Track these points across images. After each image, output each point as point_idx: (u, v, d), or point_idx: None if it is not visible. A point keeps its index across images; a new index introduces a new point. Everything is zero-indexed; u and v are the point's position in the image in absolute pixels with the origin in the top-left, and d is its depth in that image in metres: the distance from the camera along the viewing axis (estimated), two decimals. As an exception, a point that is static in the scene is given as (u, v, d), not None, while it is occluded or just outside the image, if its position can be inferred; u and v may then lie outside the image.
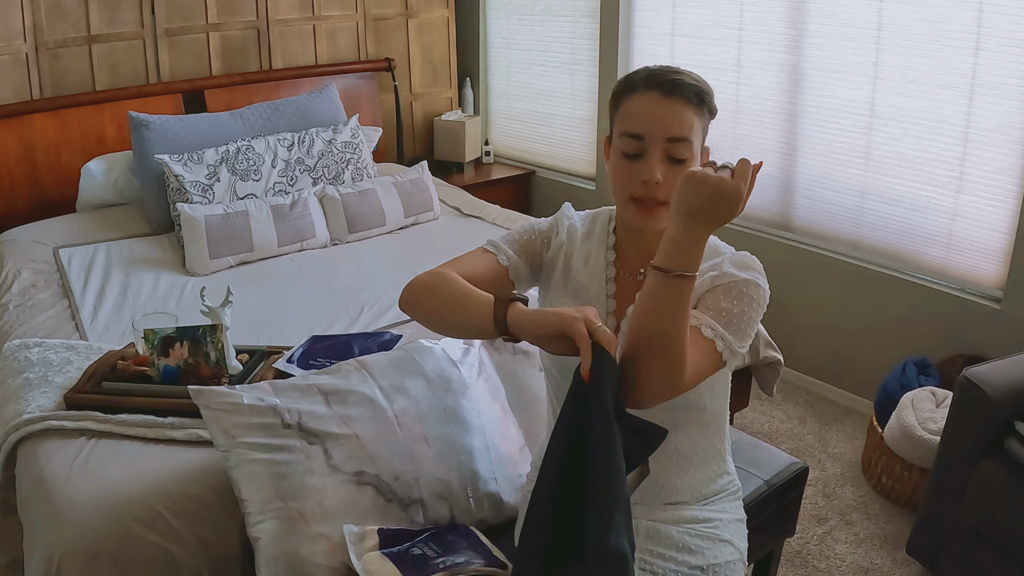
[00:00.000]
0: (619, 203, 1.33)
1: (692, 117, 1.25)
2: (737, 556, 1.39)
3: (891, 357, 2.84)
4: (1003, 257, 2.62)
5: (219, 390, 1.52)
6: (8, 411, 1.85)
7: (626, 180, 1.27)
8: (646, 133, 1.25)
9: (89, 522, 1.52)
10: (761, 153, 3.23)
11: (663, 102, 1.24)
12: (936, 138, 2.70)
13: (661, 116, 1.24)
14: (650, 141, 1.25)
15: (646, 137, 1.25)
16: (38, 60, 3.14)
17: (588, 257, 1.40)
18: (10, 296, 2.53)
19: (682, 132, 1.25)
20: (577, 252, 1.41)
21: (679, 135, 1.24)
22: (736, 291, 1.25)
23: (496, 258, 1.39)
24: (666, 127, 1.24)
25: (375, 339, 2.13)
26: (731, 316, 1.23)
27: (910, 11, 2.67)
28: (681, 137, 1.25)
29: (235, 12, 3.57)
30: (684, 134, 1.25)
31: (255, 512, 1.43)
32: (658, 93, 1.25)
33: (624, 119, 1.28)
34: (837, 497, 2.54)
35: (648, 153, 1.25)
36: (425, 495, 1.52)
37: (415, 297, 1.30)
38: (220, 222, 2.82)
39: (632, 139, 1.26)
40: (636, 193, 1.27)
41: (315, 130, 3.29)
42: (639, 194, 1.27)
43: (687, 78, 1.26)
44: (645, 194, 1.26)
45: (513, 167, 4.32)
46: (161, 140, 3.03)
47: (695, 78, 1.28)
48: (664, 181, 1.25)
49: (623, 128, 1.27)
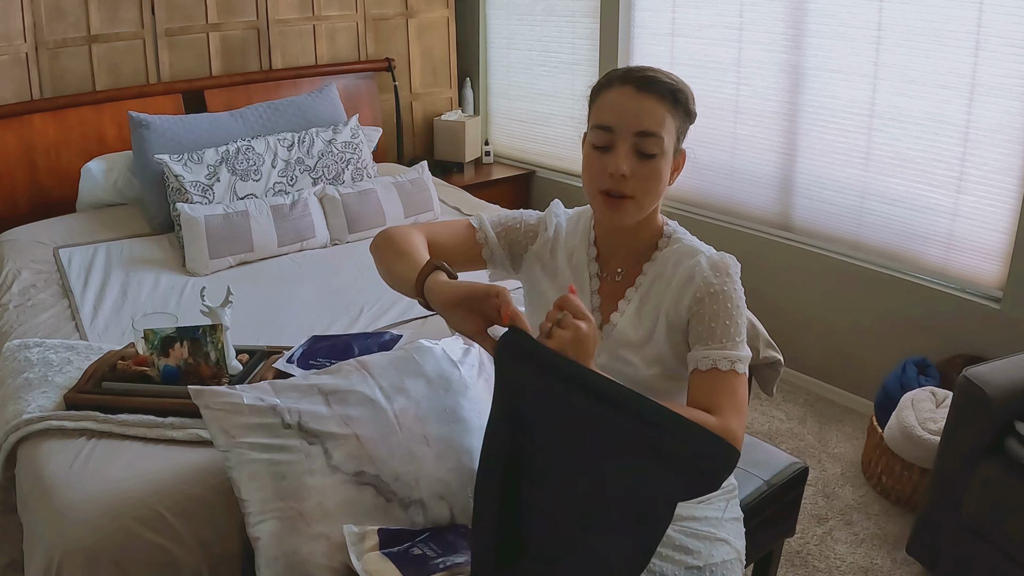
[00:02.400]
0: (589, 197, 1.34)
1: (664, 114, 1.26)
2: (734, 555, 1.39)
3: (891, 357, 2.84)
4: (1003, 257, 2.62)
5: (219, 390, 1.52)
6: (8, 411, 1.85)
7: (594, 173, 1.29)
8: (615, 125, 1.25)
9: (89, 522, 1.52)
10: (761, 153, 3.23)
11: (635, 96, 1.25)
12: (936, 138, 2.70)
13: (632, 109, 1.25)
14: (619, 134, 1.25)
15: (615, 129, 1.25)
16: (38, 60, 3.14)
17: (572, 254, 1.42)
18: (10, 296, 2.53)
19: (651, 127, 1.25)
20: (563, 249, 1.42)
21: (648, 129, 1.25)
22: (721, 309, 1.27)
23: (475, 234, 1.42)
24: (636, 120, 1.25)
25: (375, 339, 2.13)
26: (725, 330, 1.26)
27: (910, 11, 2.67)
28: (650, 132, 1.25)
29: (235, 12, 3.57)
30: (654, 129, 1.25)
31: (255, 512, 1.43)
32: (632, 87, 1.26)
33: (597, 112, 1.29)
34: (837, 497, 2.54)
35: (617, 146, 1.26)
36: (425, 495, 1.52)
37: (376, 242, 1.38)
38: (220, 222, 2.82)
39: (602, 131, 1.27)
40: (603, 186, 1.28)
41: (315, 130, 3.29)
42: (606, 187, 1.27)
43: (663, 76, 1.27)
44: (612, 187, 1.27)
45: (513, 167, 4.32)
46: (161, 140, 3.03)
47: (673, 78, 1.28)
48: (632, 176, 1.25)
49: (595, 120, 1.29)
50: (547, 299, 1.41)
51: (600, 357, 1.33)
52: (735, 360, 1.24)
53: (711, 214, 3.45)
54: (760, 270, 3.18)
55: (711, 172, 3.41)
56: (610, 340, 1.36)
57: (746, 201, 3.34)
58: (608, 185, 1.27)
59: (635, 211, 1.30)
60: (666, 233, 1.39)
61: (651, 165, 1.26)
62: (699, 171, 3.42)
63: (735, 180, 3.35)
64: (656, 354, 1.32)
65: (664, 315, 1.32)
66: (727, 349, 1.25)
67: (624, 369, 1.33)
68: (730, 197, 3.39)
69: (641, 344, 1.33)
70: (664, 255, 1.36)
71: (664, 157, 1.27)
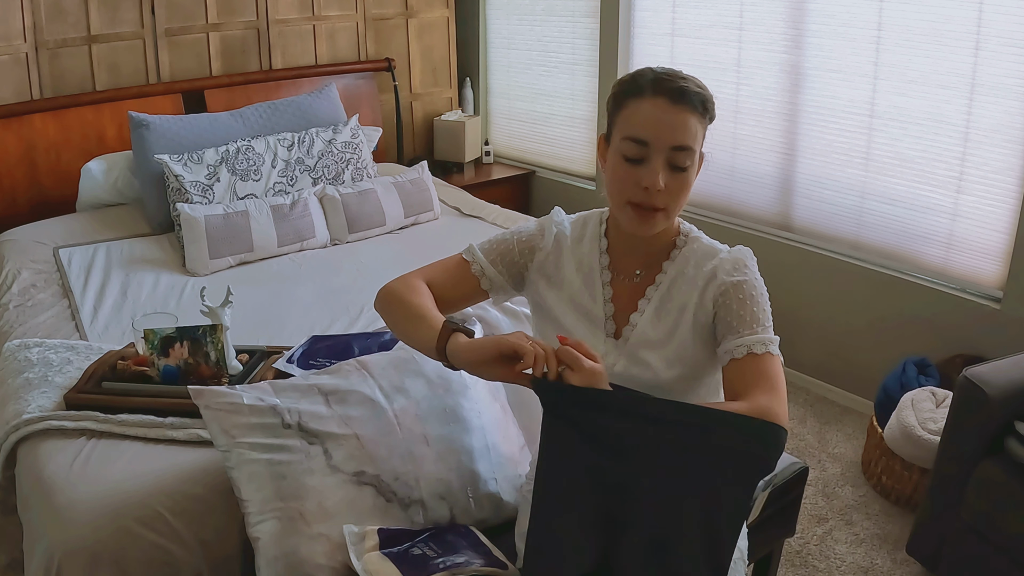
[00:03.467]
0: (615, 206, 1.32)
1: (696, 125, 1.25)
2: (737, 555, 1.39)
3: (891, 357, 2.84)
4: (1003, 257, 2.62)
5: (219, 390, 1.52)
6: (8, 411, 1.85)
7: (625, 184, 1.27)
8: (652, 140, 1.24)
9: (89, 522, 1.52)
10: (761, 153, 3.23)
11: (670, 109, 1.24)
12: (936, 138, 2.70)
13: (668, 124, 1.23)
14: (654, 148, 1.24)
15: (651, 144, 1.24)
16: (38, 60, 3.14)
17: (581, 262, 1.39)
18: (10, 296, 2.53)
19: (687, 141, 1.24)
20: (568, 259, 1.40)
21: (684, 144, 1.24)
22: (747, 297, 1.28)
23: (470, 268, 1.41)
24: (672, 135, 1.24)
25: (375, 339, 2.13)
26: (754, 317, 1.27)
27: (910, 11, 2.67)
28: (686, 146, 1.24)
29: (235, 12, 3.57)
30: (689, 143, 1.24)
31: (255, 512, 1.43)
32: (665, 100, 1.24)
33: (628, 123, 1.26)
34: (837, 497, 2.54)
35: (651, 159, 1.24)
36: (425, 495, 1.52)
37: (382, 304, 1.39)
38: (220, 222, 2.82)
39: (636, 144, 1.25)
40: (634, 199, 1.26)
41: (315, 130, 3.29)
42: (638, 200, 1.26)
43: (692, 85, 1.26)
44: (644, 200, 1.26)
45: (513, 167, 4.32)
46: (161, 140, 3.03)
47: (700, 85, 1.27)
48: (665, 188, 1.25)
49: (627, 132, 1.26)
50: (554, 313, 1.39)
51: (617, 364, 1.33)
52: (768, 342, 1.26)
53: (711, 214, 3.45)
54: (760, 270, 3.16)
55: (711, 172, 3.40)
56: (630, 342, 1.34)
57: (746, 201, 3.34)
58: (641, 198, 1.26)
59: (664, 221, 1.30)
60: (683, 232, 1.38)
61: (683, 177, 1.26)
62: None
63: (735, 180, 3.35)
64: (678, 353, 1.31)
65: (691, 313, 1.31)
66: (759, 333, 1.26)
67: (642, 375, 1.31)
68: (730, 197, 3.39)
69: (662, 343, 1.32)
70: (684, 254, 1.35)
71: (694, 167, 1.28)
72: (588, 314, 1.37)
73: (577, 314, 1.38)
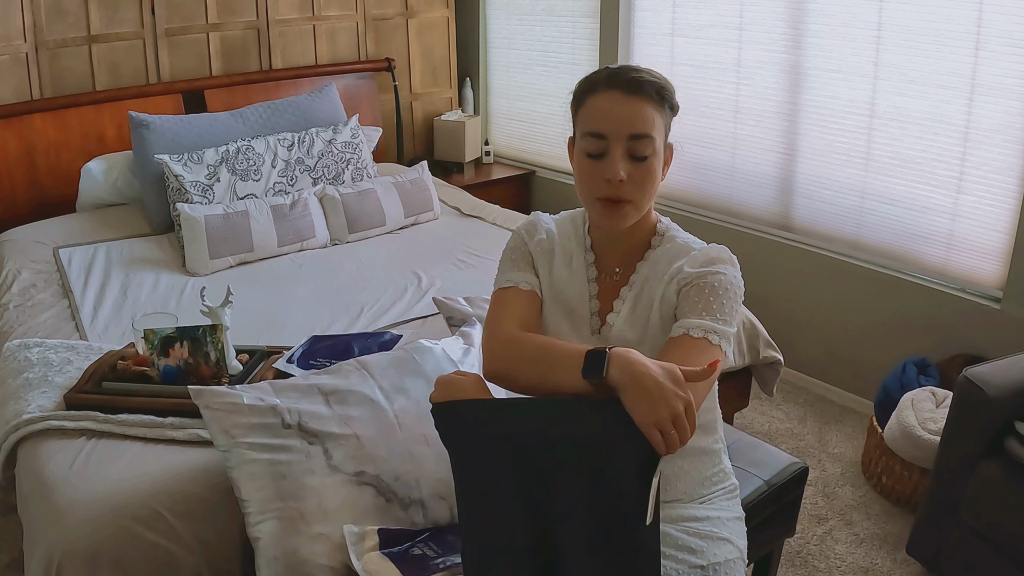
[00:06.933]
0: (586, 205, 1.34)
1: (653, 113, 1.27)
2: (737, 554, 1.39)
3: (891, 357, 2.84)
4: (1003, 257, 2.62)
5: (219, 390, 1.52)
6: (8, 411, 1.85)
7: (591, 180, 1.29)
8: (609, 131, 1.26)
9: (89, 522, 1.52)
10: (761, 153, 3.23)
11: (624, 100, 1.26)
12: (936, 138, 2.70)
13: (622, 114, 1.26)
14: (612, 139, 1.26)
15: (608, 135, 1.26)
16: (38, 60, 3.14)
17: (571, 259, 1.41)
18: (10, 296, 2.53)
19: (644, 129, 1.26)
20: (559, 255, 1.42)
21: (641, 132, 1.26)
22: (707, 286, 1.27)
23: (519, 289, 1.38)
24: (628, 124, 1.25)
25: (375, 339, 2.13)
26: (707, 305, 1.25)
27: (910, 11, 2.67)
28: (643, 134, 1.26)
29: (235, 12, 3.57)
30: (646, 131, 1.26)
31: (255, 512, 1.43)
32: (619, 91, 1.26)
33: (586, 119, 1.29)
34: (837, 497, 2.55)
35: (611, 152, 1.26)
36: (425, 495, 1.52)
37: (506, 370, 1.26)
38: (220, 222, 2.82)
39: (595, 138, 1.27)
40: (601, 193, 1.29)
41: (315, 130, 3.29)
42: (604, 194, 1.28)
43: (647, 75, 1.28)
44: (610, 193, 1.28)
45: (513, 167, 4.32)
46: (161, 140, 3.03)
47: (655, 75, 1.29)
48: (628, 179, 1.26)
49: (586, 128, 1.29)
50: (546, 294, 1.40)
51: None
52: (709, 330, 1.22)
53: (711, 214, 3.45)
54: (760, 270, 3.18)
55: (711, 172, 3.40)
56: (609, 342, 1.35)
57: (746, 201, 3.34)
58: (606, 192, 1.28)
59: (634, 213, 1.31)
60: (659, 231, 1.40)
61: (645, 166, 1.28)
62: (699, 171, 3.42)
63: (735, 180, 3.35)
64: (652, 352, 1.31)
65: (657, 309, 1.32)
66: (703, 319, 1.23)
67: None
68: (730, 197, 3.39)
69: (637, 343, 1.33)
70: (656, 254, 1.37)
71: (656, 156, 1.29)
72: (573, 312, 1.39)
73: (561, 311, 1.39)
